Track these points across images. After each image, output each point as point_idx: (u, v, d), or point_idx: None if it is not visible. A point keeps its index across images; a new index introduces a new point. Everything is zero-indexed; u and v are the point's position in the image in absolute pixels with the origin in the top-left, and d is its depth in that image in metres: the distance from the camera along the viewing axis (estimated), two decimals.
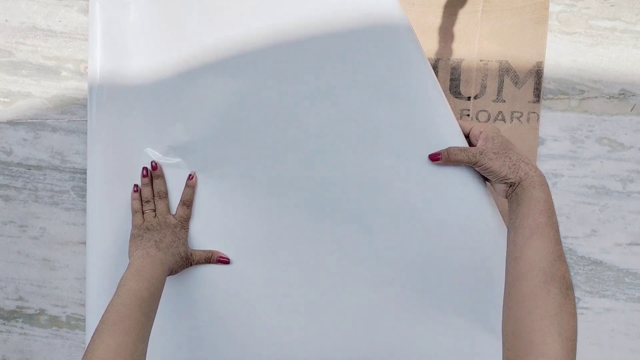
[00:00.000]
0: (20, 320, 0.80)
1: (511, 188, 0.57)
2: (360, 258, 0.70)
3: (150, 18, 0.68)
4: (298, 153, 0.69)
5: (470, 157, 0.59)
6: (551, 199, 0.54)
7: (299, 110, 0.68)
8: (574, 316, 0.47)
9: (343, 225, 0.70)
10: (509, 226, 0.56)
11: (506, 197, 0.59)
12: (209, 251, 0.70)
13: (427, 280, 0.70)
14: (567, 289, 0.48)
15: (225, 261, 0.70)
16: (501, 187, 0.59)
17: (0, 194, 0.77)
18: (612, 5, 0.67)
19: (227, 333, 0.71)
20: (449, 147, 0.61)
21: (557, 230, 0.52)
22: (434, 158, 0.62)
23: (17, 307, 0.80)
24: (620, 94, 0.69)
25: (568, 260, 0.71)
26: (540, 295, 0.47)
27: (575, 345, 0.46)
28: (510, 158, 0.57)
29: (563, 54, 0.68)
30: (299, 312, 0.71)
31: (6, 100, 0.74)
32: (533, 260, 0.50)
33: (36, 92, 0.74)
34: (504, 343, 0.49)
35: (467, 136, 0.63)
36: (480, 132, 0.61)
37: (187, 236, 0.69)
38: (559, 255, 0.50)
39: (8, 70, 0.74)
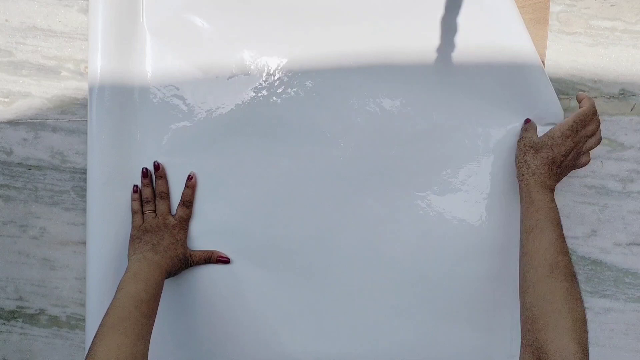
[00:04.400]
0: (20, 320, 0.80)
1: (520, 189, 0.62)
2: (363, 258, 0.70)
3: (153, 18, 0.68)
4: (300, 152, 0.69)
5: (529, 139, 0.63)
6: (547, 198, 0.59)
7: (304, 111, 0.68)
8: (581, 300, 0.51)
9: (345, 225, 0.70)
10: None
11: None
12: (209, 251, 0.70)
13: (429, 282, 0.70)
14: (572, 276, 0.52)
15: (225, 261, 0.70)
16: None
17: (0, 194, 0.77)
18: (612, 5, 0.67)
19: (227, 333, 0.71)
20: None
21: (557, 226, 0.57)
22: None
23: (17, 307, 0.80)
24: (620, 94, 0.69)
25: None
26: (548, 282, 0.51)
27: (586, 326, 0.50)
28: (528, 162, 0.61)
29: (563, 54, 0.68)
30: (298, 312, 0.71)
31: (6, 100, 0.74)
32: (537, 254, 0.55)
33: (36, 92, 0.74)
34: (522, 329, 0.52)
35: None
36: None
37: (186, 237, 0.69)
38: (561, 248, 0.55)
39: (8, 70, 0.74)
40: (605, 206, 0.71)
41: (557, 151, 0.60)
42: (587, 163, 0.64)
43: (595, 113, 0.61)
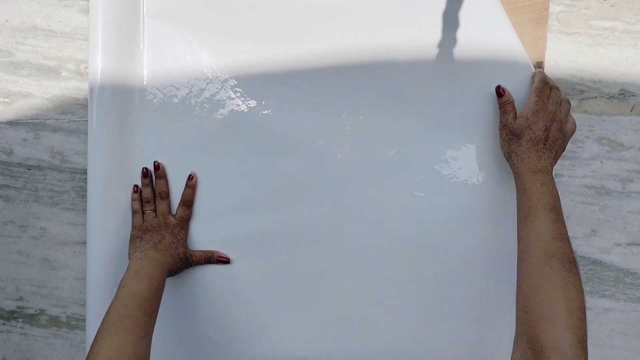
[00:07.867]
0: (21, 320, 0.80)
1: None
2: (362, 258, 0.70)
3: (153, 18, 0.68)
4: (300, 152, 0.69)
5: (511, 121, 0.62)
6: (538, 183, 0.57)
7: (303, 111, 0.68)
8: (580, 290, 0.49)
9: (345, 225, 0.70)
10: None
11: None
12: (209, 251, 0.70)
13: (430, 277, 0.70)
14: (570, 263, 0.50)
15: (225, 261, 0.70)
16: None
17: (1, 194, 0.77)
18: (612, 6, 0.67)
19: (227, 333, 0.71)
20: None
21: (551, 211, 0.54)
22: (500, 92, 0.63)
23: (17, 307, 0.80)
24: (620, 94, 0.69)
25: None
26: (544, 270, 0.50)
27: (584, 316, 0.47)
28: (514, 150, 0.60)
29: (563, 54, 0.68)
30: (299, 312, 0.71)
31: (6, 100, 0.74)
32: (532, 240, 0.53)
33: (36, 92, 0.74)
34: (517, 319, 0.51)
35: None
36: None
37: (186, 237, 0.69)
38: (558, 233, 0.53)
39: (8, 71, 0.74)
40: (605, 206, 0.71)
41: (536, 129, 0.59)
42: (574, 128, 0.62)
43: (547, 81, 0.62)
